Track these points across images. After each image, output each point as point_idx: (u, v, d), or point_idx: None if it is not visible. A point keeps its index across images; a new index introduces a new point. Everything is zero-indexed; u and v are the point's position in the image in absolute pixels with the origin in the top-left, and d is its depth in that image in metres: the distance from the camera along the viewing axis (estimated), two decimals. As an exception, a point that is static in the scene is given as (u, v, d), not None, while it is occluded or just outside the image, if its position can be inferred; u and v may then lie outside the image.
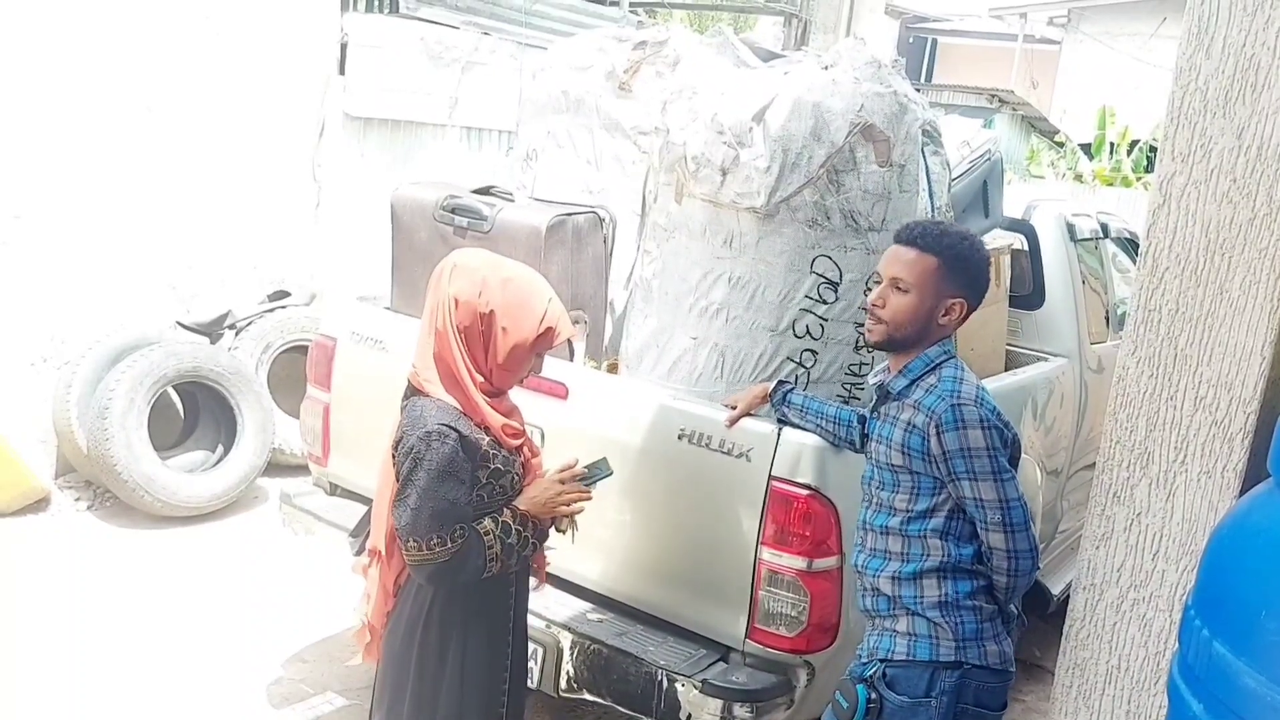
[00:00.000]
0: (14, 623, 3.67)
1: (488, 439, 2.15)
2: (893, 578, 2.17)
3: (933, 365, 2.16)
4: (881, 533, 2.21)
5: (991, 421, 2.07)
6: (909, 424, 2.14)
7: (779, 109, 2.78)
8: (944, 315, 2.17)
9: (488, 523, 2.12)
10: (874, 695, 2.13)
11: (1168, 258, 2.06)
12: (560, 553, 2.81)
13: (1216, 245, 2.02)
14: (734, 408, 2.67)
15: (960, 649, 2.09)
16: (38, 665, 3.44)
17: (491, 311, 2.10)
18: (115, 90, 4.75)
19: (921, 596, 2.13)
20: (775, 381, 2.70)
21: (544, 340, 2.16)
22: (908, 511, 2.16)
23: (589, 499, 2.27)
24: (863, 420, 2.47)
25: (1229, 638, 1.45)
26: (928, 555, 2.13)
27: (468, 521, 2.08)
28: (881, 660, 2.16)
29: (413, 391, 2.17)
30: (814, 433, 2.57)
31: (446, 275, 2.13)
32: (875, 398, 2.31)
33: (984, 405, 2.09)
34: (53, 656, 3.49)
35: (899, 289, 2.17)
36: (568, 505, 2.22)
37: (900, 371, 2.20)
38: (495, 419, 2.16)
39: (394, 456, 2.12)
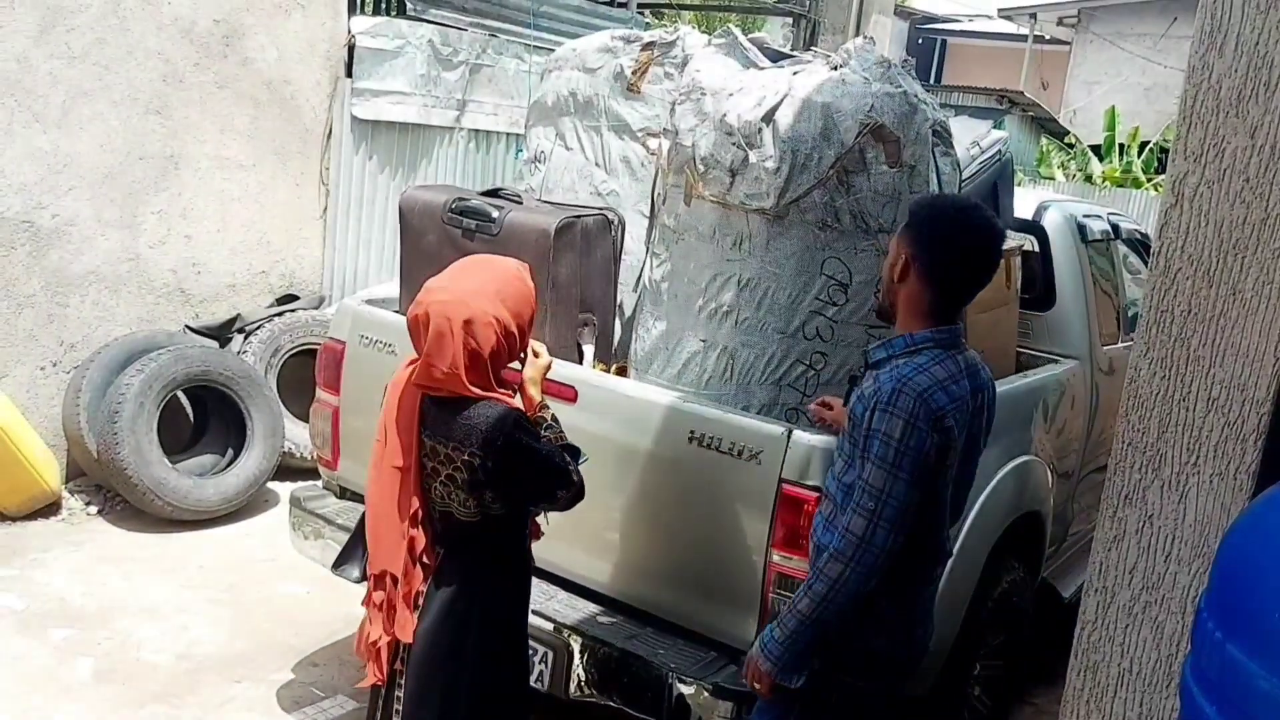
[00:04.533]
0: (23, 626, 3.68)
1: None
2: (816, 544, 2.20)
3: (913, 348, 2.14)
4: (825, 494, 2.26)
5: (920, 423, 2.03)
6: (862, 392, 2.14)
7: (788, 110, 2.77)
8: (896, 272, 2.16)
9: (550, 430, 2.35)
10: None
11: (1180, 258, 2.04)
12: (569, 555, 2.82)
13: (1230, 245, 2.00)
14: (825, 405, 2.58)
15: (847, 629, 2.14)
16: (47, 669, 3.44)
17: (514, 329, 2.21)
18: (124, 93, 4.76)
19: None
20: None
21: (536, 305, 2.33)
22: (840, 479, 2.18)
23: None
24: None
25: (1243, 640, 1.44)
26: (837, 530, 2.12)
27: (560, 453, 2.28)
28: None
29: (456, 403, 2.17)
30: None
31: (459, 334, 2.13)
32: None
33: (926, 403, 2.04)
34: (62, 660, 3.50)
35: None
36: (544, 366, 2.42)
37: (884, 344, 2.20)
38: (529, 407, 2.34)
39: (461, 468, 2.15)
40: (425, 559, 2.27)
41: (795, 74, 2.91)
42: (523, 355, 2.36)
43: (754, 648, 2.20)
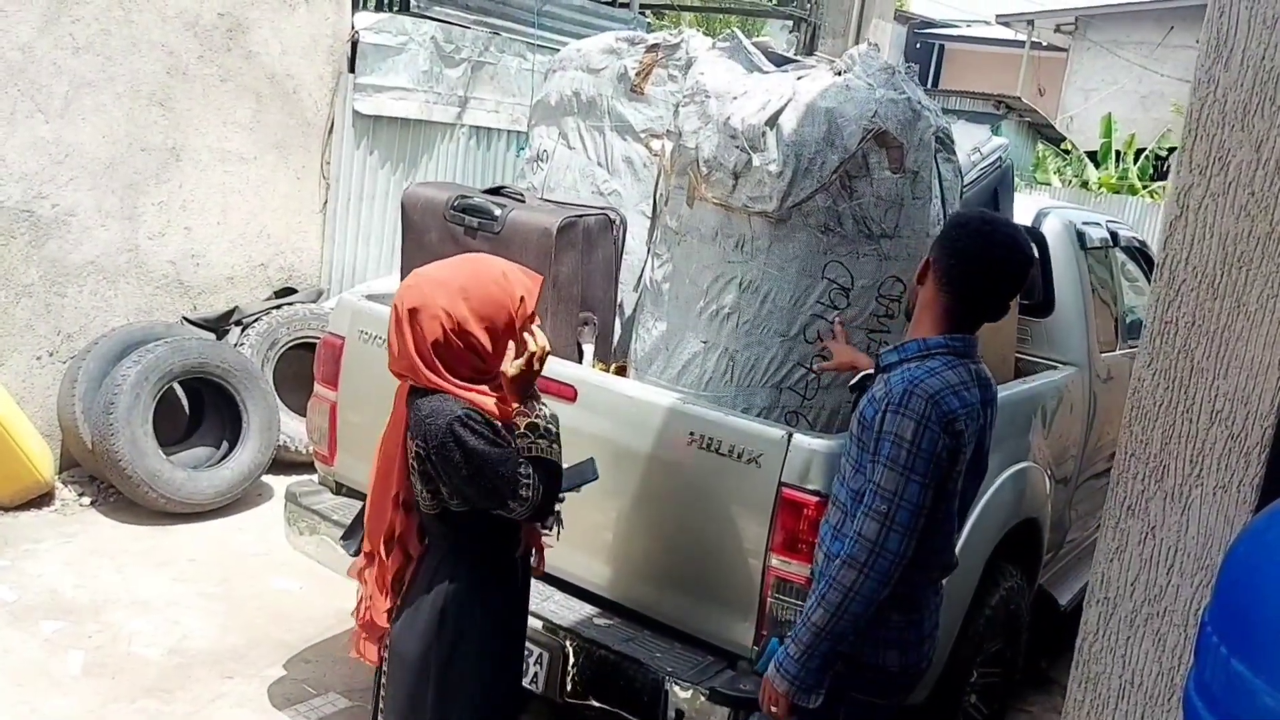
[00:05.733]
0: (14, 618, 3.66)
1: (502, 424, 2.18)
2: (825, 554, 2.18)
3: (925, 352, 2.13)
4: (833, 501, 2.23)
5: (932, 424, 2.02)
6: (873, 395, 2.14)
7: (792, 114, 2.77)
8: (918, 273, 2.20)
9: (523, 439, 2.18)
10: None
11: (1185, 270, 2.04)
12: (566, 556, 2.81)
13: (1234, 258, 2.00)
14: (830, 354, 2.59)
15: (856, 643, 2.11)
16: (37, 662, 3.43)
17: (473, 329, 2.13)
18: (127, 84, 4.74)
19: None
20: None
21: (523, 313, 2.19)
22: (850, 486, 2.16)
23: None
24: None
25: (1247, 656, 1.43)
26: (848, 536, 2.09)
27: (517, 463, 2.14)
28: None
29: (421, 391, 2.16)
30: None
31: (406, 321, 2.12)
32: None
33: (938, 405, 2.03)
34: (52, 652, 3.48)
35: None
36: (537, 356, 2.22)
37: (896, 347, 2.19)
38: (506, 410, 2.20)
39: (415, 456, 2.14)
40: (410, 547, 2.27)
41: (799, 78, 2.90)
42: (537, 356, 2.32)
43: (769, 669, 2.14)
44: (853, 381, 2.46)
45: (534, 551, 2.44)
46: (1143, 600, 2.09)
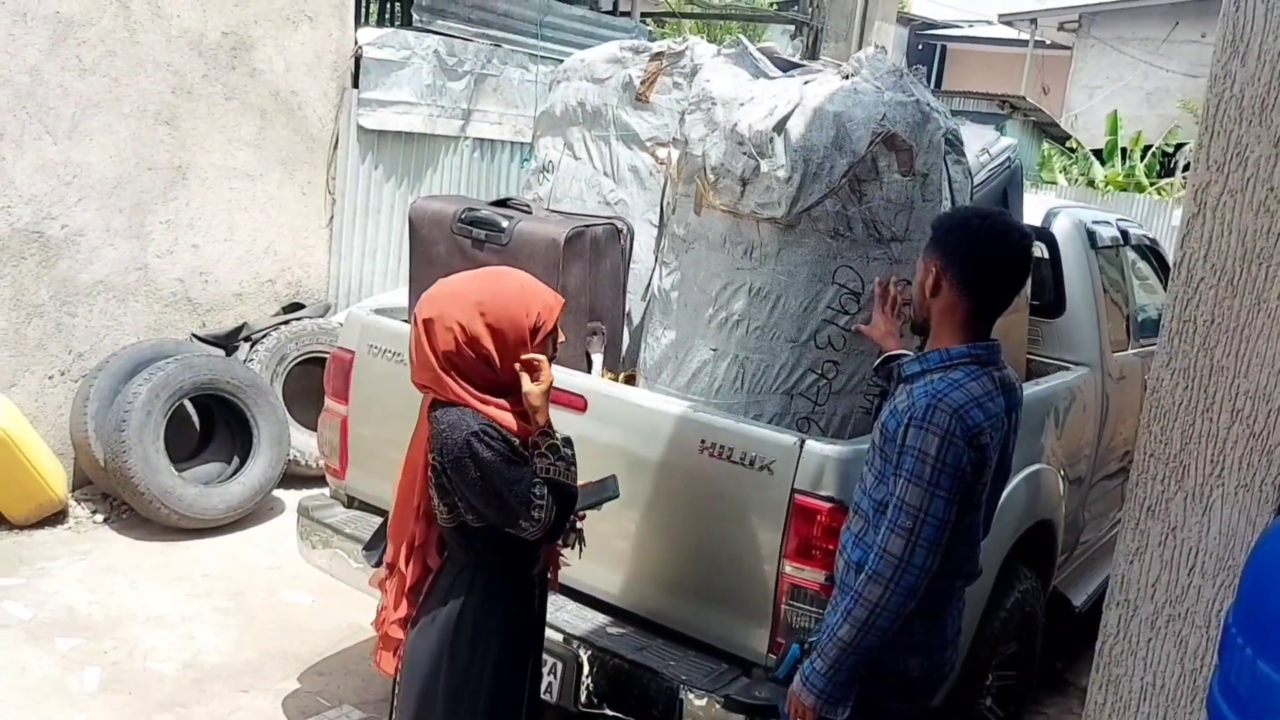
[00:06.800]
0: (30, 635, 3.66)
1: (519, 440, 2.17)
2: (845, 561, 2.16)
3: (948, 363, 2.09)
4: (855, 510, 2.20)
5: (956, 439, 1.98)
6: (895, 407, 2.10)
7: (800, 119, 2.76)
8: (928, 288, 2.13)
9: (542, 459, 2.16)
10: (804, 657, 2.16)
11: (1203, 268, 2.03)
12: (578, 565, 2.80)
13: (1253, 255, 1.98)
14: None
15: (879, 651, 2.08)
16: (53, 679, 3.43)
17: (485, 342, 2.12)
18: (134, 104, 4.76)
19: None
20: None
21: (541, 331, 2.17)
22: (871, 494, 2.14)
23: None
24: None
25: (1274, 657, 1.42)
26: (873, 550, 2.07)
27: (532, 482, 2.12)
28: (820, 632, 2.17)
29: (440, 402, 2.16)
30: None
31: (421, 332, 2.13)
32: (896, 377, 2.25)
33: (962, 419, 1.99)
34: (68, 669, 3.48)
35: None
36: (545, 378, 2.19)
37: (918, 358, 2.16)
38: (527, 427, 2.18)
39: (431, 468, 2.14)
40: (429, 558, 2.27)
41: (806, 83, 2.89)
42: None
43: (795, 682, 2.12)
44: (876, 362, 2.39)
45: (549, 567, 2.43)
46: (1164, 602, 2.07)
